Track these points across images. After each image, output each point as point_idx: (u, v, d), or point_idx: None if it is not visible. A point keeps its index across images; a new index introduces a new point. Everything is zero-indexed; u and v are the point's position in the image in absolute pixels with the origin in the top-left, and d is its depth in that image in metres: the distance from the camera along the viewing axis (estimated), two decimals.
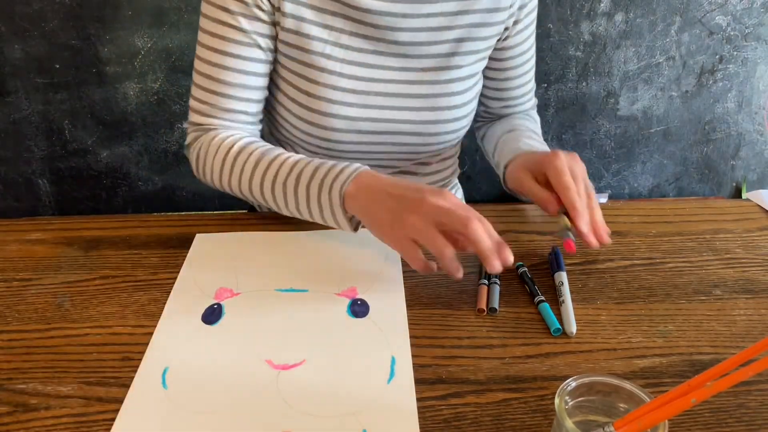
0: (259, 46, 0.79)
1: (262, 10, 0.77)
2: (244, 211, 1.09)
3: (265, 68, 0.81)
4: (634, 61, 1.78)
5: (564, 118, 1.85)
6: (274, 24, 0.79)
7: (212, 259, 0.74)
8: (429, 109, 0.84)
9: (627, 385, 0.48)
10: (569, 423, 0.44)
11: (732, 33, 1.76)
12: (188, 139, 0.84)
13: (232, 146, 0.77)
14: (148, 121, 1.74)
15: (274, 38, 0.80)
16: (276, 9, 0.77)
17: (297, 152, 0.92)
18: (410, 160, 0.91)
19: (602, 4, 1.69)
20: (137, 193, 1.86)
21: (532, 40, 0.91)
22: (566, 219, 0.71)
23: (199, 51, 0.80)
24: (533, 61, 0.93)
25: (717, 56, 1.80)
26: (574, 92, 1.81)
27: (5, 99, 1.68)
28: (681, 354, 0.61)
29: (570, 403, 0.48)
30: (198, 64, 0.80)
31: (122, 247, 0.77)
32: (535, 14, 0.88)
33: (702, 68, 1.81)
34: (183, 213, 0.85)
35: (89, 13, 1.59)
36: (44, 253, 0.76)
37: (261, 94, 0.83)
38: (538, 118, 0.99)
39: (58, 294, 0.69)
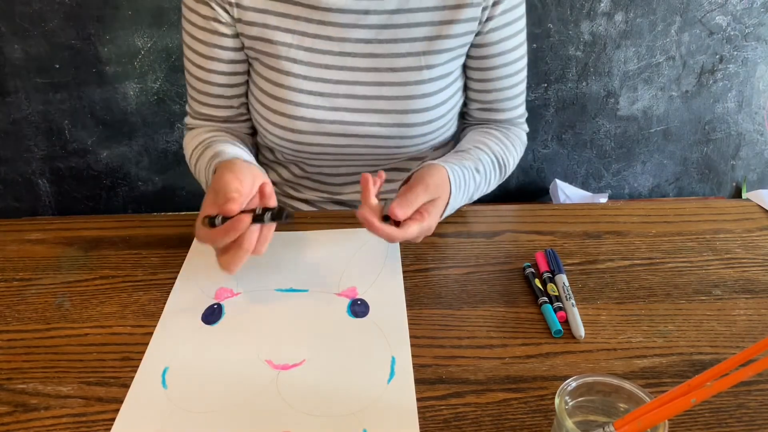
0: (220, 59, 0.81)
1: (221, 23, 0.79)
2: None
3: (226, 79, 0.83)
4: (634, 61, 1.78)
5: (564, 118, 1.85)
6: (238, 35, 0.80)
7: (212, 259, 0.74)
8: (400, 111, 0.82)
9: (627, 385, 0.48)
10: (569, 423, 0.44)
11: (732, 33, 1.76)
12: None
13: (191, 142, 0.85)
14: (148, 121, 1.74)
15: (239, 49, 0.82)
16: (237, 20, 0.79)
17: (274, 154, 0.93)
18: (384, 162, 0.89)
19: (602, 4, 1.69)
20: (137, 193, 1.86)
21: (514, 43, 0.83)
22: None
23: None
24: (517, 67, 0.85)
25: (717, 56, 1.80)
26: (574, 92, 1.81)
27: (5, 99, 1.68)
28: (681, 354, 0.61)
29: (570, 403, 0.48)
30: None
31: (122, 247, 0.77)
32: (515, 15, 0.82)
33: (702, 68, 1.81)
34: (183, 213, 0.85)
35: (89, 13, 1.59)
36: (44, 253, 0.76)
37: (226, 102, 0.85)
38: (518, 139, 0.89)
39: (58, 294, 0.69)
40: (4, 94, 1.67)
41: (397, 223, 0.67)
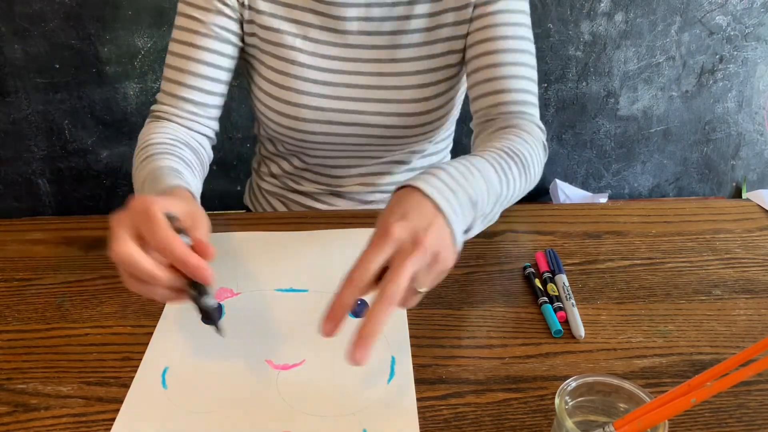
0: (213, 36, 0.80)
1: (225, 5, 0.80)
2: (243, 211, 1.09)
3: (216, 59, 0.80)
4: (634, 61, 1.78)
5: (564, 118, 1.85)
6: (242, 21, 0.82)
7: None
8: (400, 101, 0.84)
9: (627, 385, 0.48)
10: (569, 423, 0.44)
11: (732, 33, 1.76)
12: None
13: (154, 135, 0.79)
14: None
15: (238, 34, 0.82)
16: (245, 6, 0.80)
17: (275, 146, 0.93)
18: (385, 153, 0.91)
19: (602, 4, 1.69)
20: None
21: (513, 32, 0.79)
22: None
23: (169, 46, 0.83)
24: (519, 58, 0.79)
25: (717, 56, 1.80)
26: (574, 92, 1.81)
27: (5, 99, 1.68)
28: (681, 354, 0.61)
29: (570, 403, 0.48)
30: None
31: None
32: (512, 4, 0.79)
33: (702, 68, 1.81)
34: None
35: (89, 13, 1.59)
36: (44, 253, 0.76)
37: (209, 85, 0.81)
38: (525, 133, 0.74)
39: (58, 294, 0.69)
40: (4, 94, 1.67)
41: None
